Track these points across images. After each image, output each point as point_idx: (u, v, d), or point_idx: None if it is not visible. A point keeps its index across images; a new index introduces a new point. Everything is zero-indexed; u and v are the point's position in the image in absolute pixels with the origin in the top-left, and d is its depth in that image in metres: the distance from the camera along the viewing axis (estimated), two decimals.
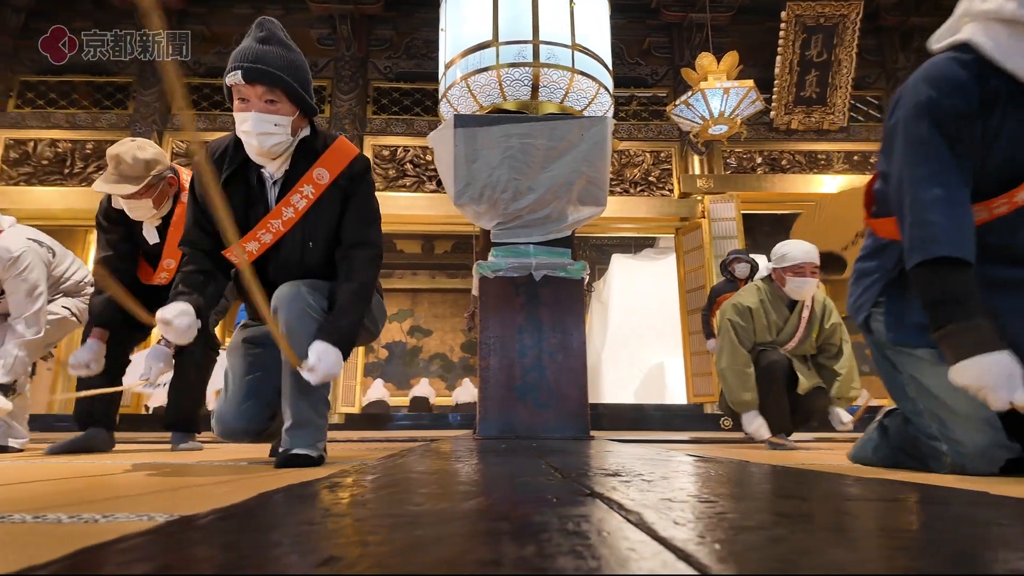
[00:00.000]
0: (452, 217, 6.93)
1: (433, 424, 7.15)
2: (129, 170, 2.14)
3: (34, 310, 2.33)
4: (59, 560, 0.37)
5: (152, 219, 2.32)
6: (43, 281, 2.39)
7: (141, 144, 2.23)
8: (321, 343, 1.38)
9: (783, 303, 2.65)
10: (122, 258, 2.36)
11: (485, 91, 3.46)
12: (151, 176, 2.17)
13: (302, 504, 0.65)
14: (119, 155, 2.15)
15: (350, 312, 1.46)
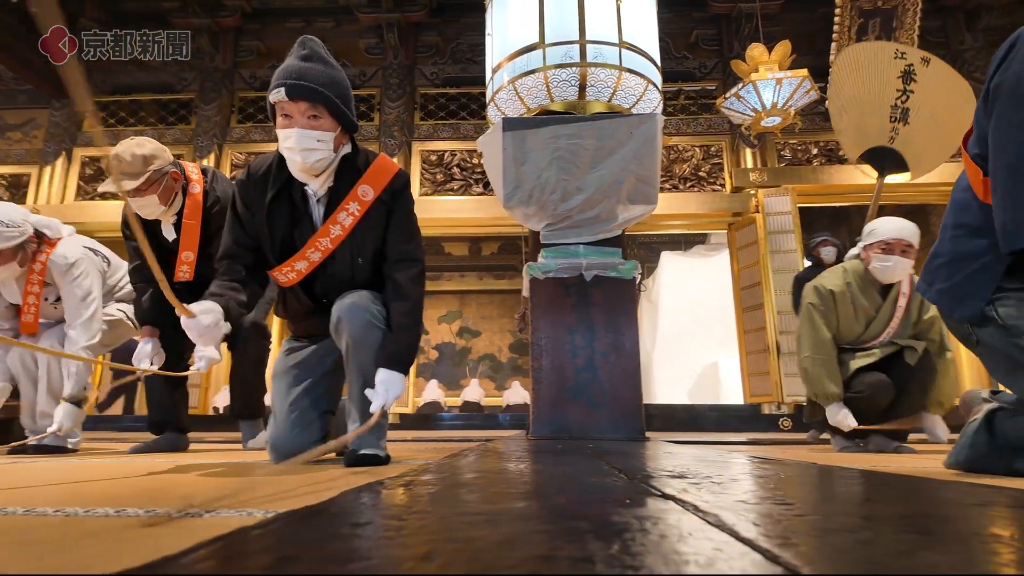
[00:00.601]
0: (499, 219, 6.98)
1: (484, 424, 7.22)
2: (128, 167, 2.17)
3: (87, 316, 2.37)
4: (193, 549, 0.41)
5: (167, 216, 2.37)
6: (97, 288, 2.44)
7: (140, 141, 2.25)
8: (385, 371, 1.43)
9: (874, 288, 2.34)
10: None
11: (532, 93, 3.47)
12: (150, 171, 2.19)
13: (385, 501, 0.68)
14: (119, 154, 2.19)
15: (406, 334, 1.50)
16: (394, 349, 1.47)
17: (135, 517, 0.63)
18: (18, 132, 7.48)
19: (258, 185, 1.55)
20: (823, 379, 2.30)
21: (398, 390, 1.43)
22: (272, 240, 1.55)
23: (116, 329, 2.60)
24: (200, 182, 2.43)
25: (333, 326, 1.53)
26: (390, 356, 1.46)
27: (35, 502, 0.77)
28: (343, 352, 1.52)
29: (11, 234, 2.22)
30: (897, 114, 4.16)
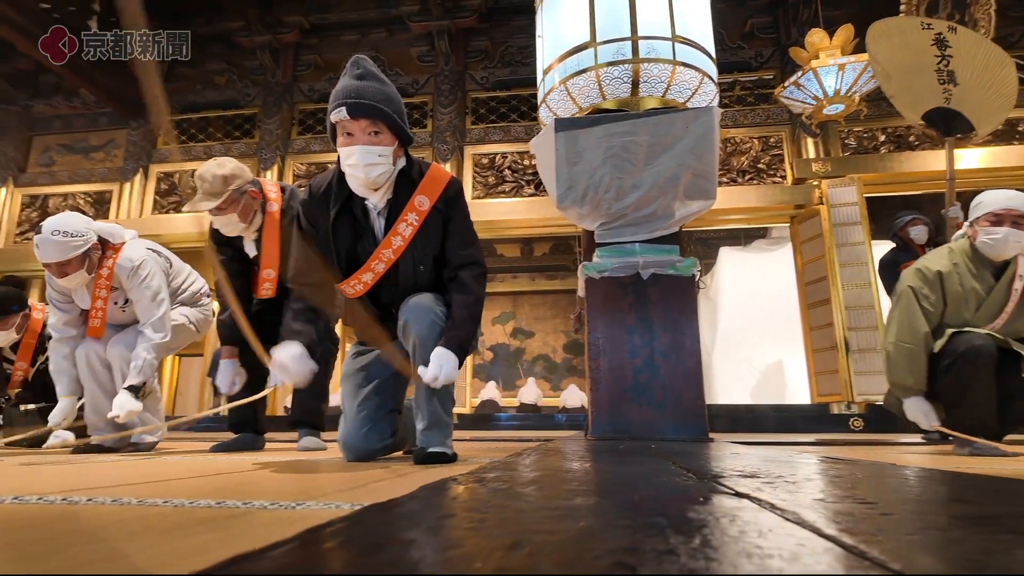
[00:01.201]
0: (550, 219, 6.99)
1: (540, 424, 7.23)
2: (210, 187, 2.26)
3: (159, 315, 2.43)
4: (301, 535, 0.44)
5: (248, 233, 2.44)
6: (164, 288, 2.51)
7: (220, 162, 2.34)
8: (441, 349, 1.49)
9: (986, 269, 2.11)
10: (235, 277, 2.49)
11: (584, 92, 3.47)
12: (230, 190, 2.28)
13: (463, 496, 0.70)
14: (201, 174, 2.29)
15: (466, 323, 1.55)
16: (452, 334, 1.52)
17: (234, 508, 0.68)
18: (100, 152, 8.03)
19: (320, 203, 1.62)
20: (900, 369, 2.14)
21: (450, 369, 1.47)
22: (338, 255, 1.62)
23: (180, 334, 2.66)
24: (278, 200, 2.50)
25: (401, 328, 1.60)
26: (448, 339, 1.51)
27: (144, 494, 0.83)
28: (409, 352, 1.58)
29: (76, 243, 2.29)
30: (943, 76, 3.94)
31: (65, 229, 2.27)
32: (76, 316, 2.53)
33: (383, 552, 0.41)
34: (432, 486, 0.79)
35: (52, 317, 2.54)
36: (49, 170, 7.97)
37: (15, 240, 7.65)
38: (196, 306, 2.78)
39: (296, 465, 1.53)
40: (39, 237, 2.28)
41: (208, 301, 2.86)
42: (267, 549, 0.40)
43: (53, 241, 2.25)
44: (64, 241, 2.26)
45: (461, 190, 1.70)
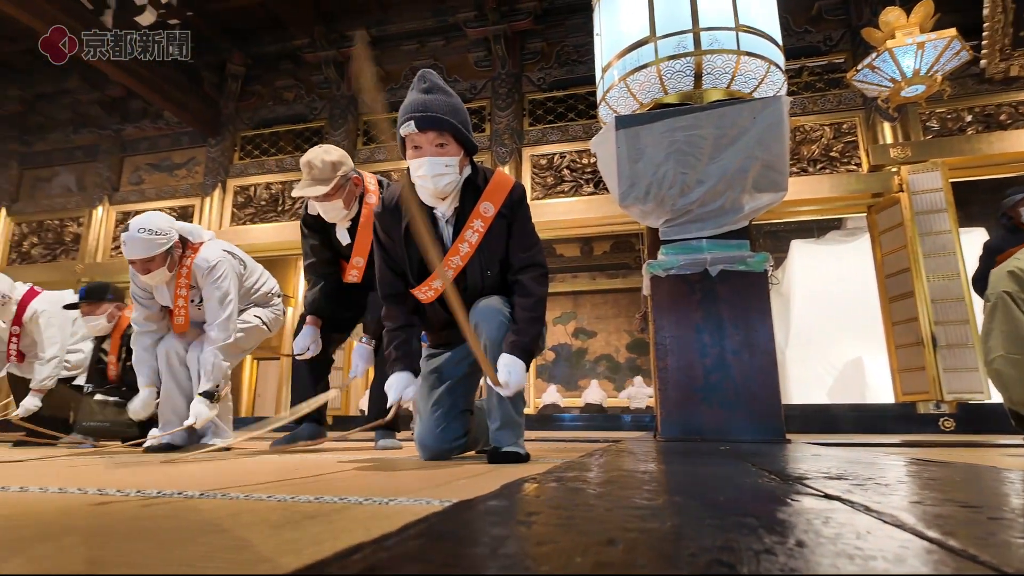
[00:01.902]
0: (610, 218, 6.92)
1: (605, 425, 7.17)
2: (319, 173, 2.33)
3: (224, 316, 2.48)
4: (405, 528, 0.47)
5: (343, 221, 2.51)
6: (234, 290, 2.55)
7: (327, 148, 2.41)
8: (508, 356, 1.52)
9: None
10: (324, 262, 2.59)
11: (645, 88, 3.42)
12: (338, 176, 2.35)
13: (546, 495, 0.72)
14: (310, 161, 2.36)
15: (529, 326, 1.59)
16: (517, 339, 1.55)
17: (332, 503, 0.73)
18: (183, 169, 8.58)
19: (393, 214, 1.70)
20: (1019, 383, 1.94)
21: (519, 376, 1.50)
22: (411, 263, 1.69)
23: (253, 335, 2.74)
24: (376, 193, 2.56)
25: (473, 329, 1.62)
26: (513, 344, 1.54)
27: (249, 491, 0.90)
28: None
29: (160, 241, 2.37)
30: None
31: (150, 227, 2.36)
32: (156, 312, 2.62)
33: (482, 545, 0.43)
34: (513, 484, 0.82)
35: (135, 312, 2.64)
36: (139, 188, 8.59)
37: (111, 255, 8.27)
38: (268, 306, 2.85)
39: (378, 463, 1.59)
40: (126, 234, 2.38)
41: (279, 301, 2.95)
42: (379, 540, 0.43)
43: (139, 238, 2.34)
44: (149, 239, 2.34)
45: (524, 195, 1.73)
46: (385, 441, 2.65)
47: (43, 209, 8.77)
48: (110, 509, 0.70)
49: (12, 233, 8.82)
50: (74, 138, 8.94)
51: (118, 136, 8.78)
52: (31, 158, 9.12)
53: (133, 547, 0.49)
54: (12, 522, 0.62)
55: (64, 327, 3.44)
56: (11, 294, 3.34)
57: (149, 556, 0.45)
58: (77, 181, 8.85)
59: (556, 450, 2.19)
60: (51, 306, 3.39)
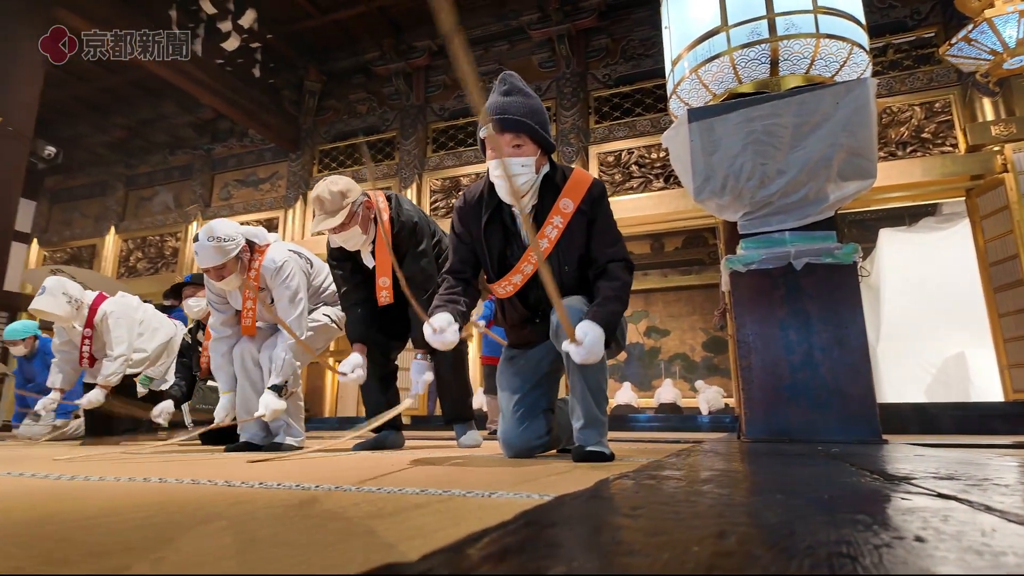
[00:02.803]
0: (681, 212, 6.77)
1: (682, 425, 7.00)
2: (330, 205, 2.33)
3: (296, 315, 2.50)
4: (515, 519, 0.50)
5: (365, 245, 2.51)
6: (303, 289, 2.57)
7: (332, 180, 2.40)
8: (586, 322, 1.49)
9: None
10: (357, 287, 2.60)
11: (717, 79, 3.33)
12: (349, 204, 2.35)
13: (644, 491, 0.73)
14: (318, 196, 2.35)
15: (612, 302, 1.58)
16: (597, 309, 1.54)
17: (438, 495, 0.77)
18: (267, 184, 9.10)
19: (473, 210, 1.75)
20: None
21: (594, 340, 1.44)
22: (490, 258, 1.74)
23: (324, 333, 2.77)
24: (386, 210, 2.57)
25: (553, 330, 1.65)
26: (593, 313, 1.52)
27: (358, 484, 0.96)
28: (564, 355, 1.61)
29: (229, 247, 2.41)
30: None
31: (218, 234, 2.41)
32: (232, 316, 2.68)
33: (599, 533, 0.45)
34: (609, 481, 0.83)
35: (212, 318, 2.71)
36: (228, 202, 9.18)
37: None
38: (336, 304, 2.85)
39: (464, 459, 1.64)
40: (196, 244, 2.43)
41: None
42: (502, 526, 0.46)
43: (209, 247, 2.39)
44: (219, 246, 2.39)
45: (604, 191, 1.73)
46: (467, 437, 2.70)
47: (146, 226, 9.54)
48: (242, 498, 0.78)
49: (120, 249, 9.65)
50: (171, 159, 9.68)
51: (209, 155, 9.43)
52: (134, 180, 9.94)
53: (276, 531, 0.54)
54: (172, 508, 0.70)
55: (131, 328, 3.57)
56: (83, 299, 3.50)
57: (295, 538, 0.50)
58: (174, 199, 9.57)
59: (637, 451, 2.18)
60: (119, 307, 3.55)
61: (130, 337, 3.54)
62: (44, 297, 3.35)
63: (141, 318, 3.73)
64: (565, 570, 0.33)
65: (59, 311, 3.37)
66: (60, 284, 3.45)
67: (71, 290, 3.45)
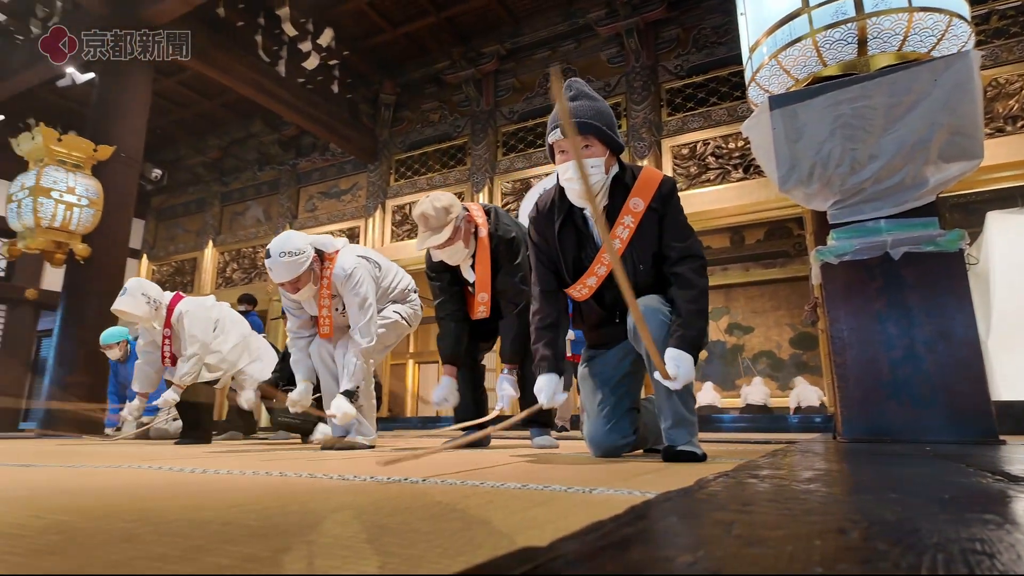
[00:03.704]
0: (763, 203, 6.50)
1: (771, 426, 6.71)
2: (435, 222, 2.38)
3: (366, 320, 2.55)
4: (628, 512, 0.51)
5: (466, 259, 2.56)
6: (372, 294, 2.62)
7: (435, 196, 2.46)
8: (674, 350, 1.50)
9: None
10: (453, 299, 2.66)
11: (799, 63, 3.19)
12: (451, 219, 2.39)
13: (749, 488, 0.73)
14: (423, 213, 2.40)
15: (694, 319, 1.56)
16: (683, 333, 1.53)
17: (538, 491, 0.80)
18: (348, 194, 9.51)
19: (547, 218, 1.79)
20: None
21: (687, 368, 1.48)
22: (565, 263, 1.76)
23: (393, 330, 2.80)
24: (485, 225, 2.62)
25: (631, 332, 1.66)
26: (680, 338, 1.52)
27: (460, 478, 1.00)
28: (643, 354, 1.62)
29: (300, 260, 2.49)
30: None
31: (289, 249, 2.49)
32: (307, 320, 2.79)
33: (713, 527, 0.46)
34: (708, 479, 0.83)
35: (288, 322, 2.82)
36: (313, 214, 9.67)
37: None
38: (406, 302, 2.93)
39: (554, 458, 1.67)
40: (270, 261, 2.50)
41: (415, 296, 2.99)
42: (616, 519, 0.48)
43: (281, 263, 2.47)
44: (291, 261, 2.47)
45: (675, 187, 1.73)
46: (541, 439, 2.69)
47: (240, 239, 10.21)
48: (358, 490, 0.83)
49: (218, 261, 10.39)
50: (259, 175, 10.31)
51: (294, 170, 9.97)
52: (228, 196, 10.67)
53: (401, 520, 0.58)
54: (303, 497, 0.77)
55: (206, 329, 3.63)
56: (161, 299, 3.58)
57: (419, 526, 0.54)
58: (264, 212, 10.19)
59: (728, 451, 2.12)
60: (194, 307, 3.62)
61: (204, 337, 3.57)
62: (124, 298, 3.42)
63: (216, 317, 3.76)
64: (692, 559, 0.35)
65: (138, 311, 3.43)
66: (140, 285, 3.52)
67: (150, 291, 3.52)
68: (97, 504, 0.74)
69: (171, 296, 3.62)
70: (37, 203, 5.50)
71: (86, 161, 5.85)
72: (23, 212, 5.61)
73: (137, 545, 0.45)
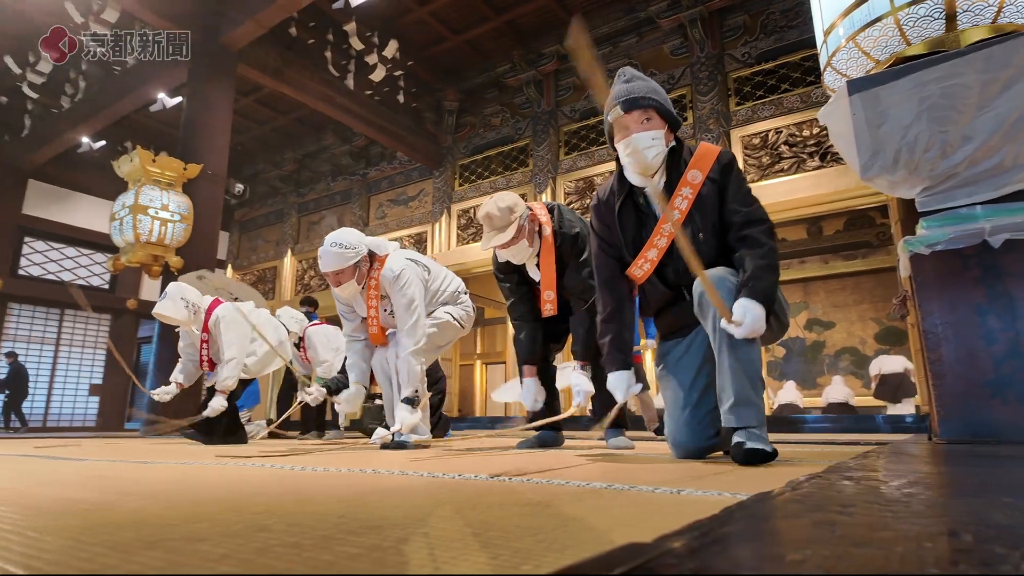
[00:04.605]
0: (842, 192, 6.18)
1: (856, 426, 6.35)
2: (499, 221, 2.37)
3: (412, 321, 2.56)
4: (724, 512, 0.52)
5: (531, 258, 2.55)
6: (419, 296, 2.62)
7: (498, 197, 2.45)
8: (743, 299, 1.43)
9: None
10: (523, 300, 2.66)
11: (880, 44, 3.02)
12: (515, 219, 2.39)
13: (844, 490, 0.71)
14: (488, 213, 2.40)
15: (764, 272, 1.50)
16: (752, 284, 1.47)
17: (623, 490, 0.81)
18: (415, 201, 9.78)
19: (607, 203, 1.80)
20: None
21: (755, 317, 1.40)
22: (626, 243, 1.76)
23: (445, 330, 2.81)
24: (548, 223, 2.60)
25: (697, 304, 1.58)
26: (748, 289, 1.46)
27: (539, 477, 1.02)
28: (710, 331, 1.54)
29: (349, 255, 2.51)
30: None
31: (341, 241, 2.53)
32: (360, 323, 2.80)
33: (815, 527, 0.46)
34: (800, 480, 0.81)
35: (344, 327, 2.86)
36: (383, 221, 10.00)
37: None
38: (457, 304, 2.92)
39: (627, 459, 1.66)
40: (321, 249, 2.55)
41: (466, 298, 3.00)
42: (716, 518, 0.49)
43: (331, 252, 2.51)
44: (340, 252, 2.51)
45: (734, 159, 1.71)
46: (615, 440, 2.64)
47: (316, 247, 10.62)
48: (452, 487, 0.87)
49: (296, 269, 10.92)
50: (332, 186, 10.76)
51: (364, 180, 10.35)
52: (305, 207, 11.19)
53: (500, 515, 0.61)
54: (408, 493, 0.82)
55: (244, 333, 3.59)
56: (200, 304, 3.57)
57: (520, 522, 0.56)
58: (338, 221, 10.62)
59: (815, 453, 2.04)
60: (230, 312, 3.58)
61: (241, 341, 3.57)
62: (165, 302, 3.46)
63: (254, 322, 3.74)
64: (800, 557, 0.35)
65: (177, 315, 3.47)
66: (179, 290, 3.55)
67: (189, 295, 3.56)
68: (225, 497, 0.81)
69: (210, 301, 3.66)
70: (136, 220, 5.97)
71: (177, 179, 6.29)
72: (124, 229, 6.10)
73: (273, 534, 0.50)
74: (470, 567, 0.39)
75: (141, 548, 0.45)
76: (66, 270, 9.94)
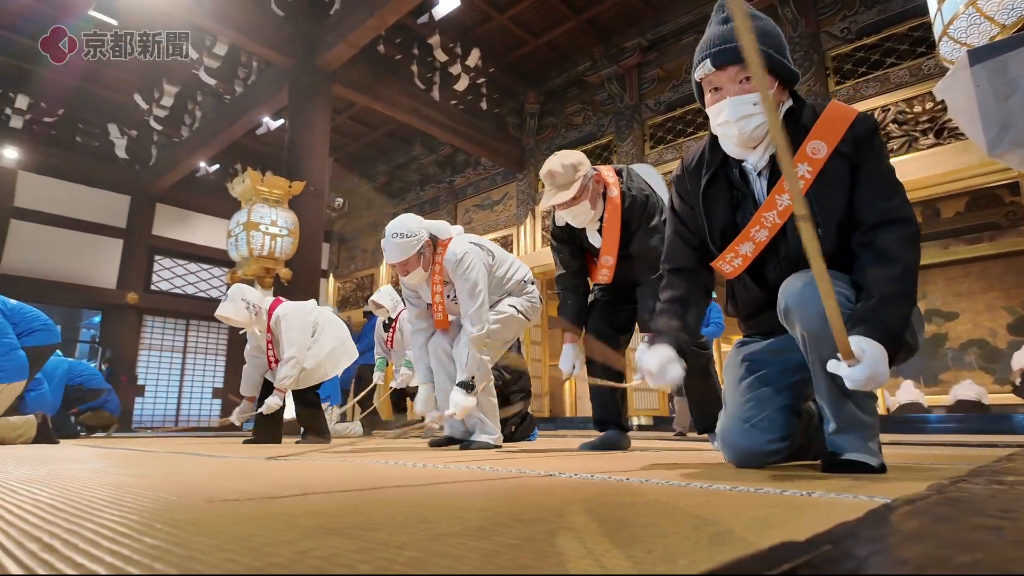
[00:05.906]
0: (961, 171, 5.66)
1: (989, 427, 5.77)
2: (562, 179, 2.25)
3: (476, 306, 2.48)
4: (868, 515, 0.51)
5: (592, 222, 2.40)
6: (483, 281, 2.54)
7: (562, 154, 2.32)
8: (863, 340, 1.07)
9: None
10: (572, 273, 2.55)
11: (1005, 7, 2.75)
12: (579, 176, 2.26)
13: (996, 494, 0.67)
14: (550, 170, 2.27)
15: (892, 302, 1.13)
16: (876, 318, 1.11)
17: (749, 493, 0.80)
18: (500, 205, 9.94)
19: (693, 175, 1.45)
20: None
21: (876, 362, 1.05)
22: (711, 230, 1.41)
23: (510, 325, 2.72)
24: (617, 184, 2.44)
25: (782, 313, 1.26)
26: (870, 326, 1.10)
27: (643, 476, 1.03)
28: (800, 346, 1.24)
29: (412, 243, 2.49)
30: None
31: (402, 231, 2.50)
32: (425, 310, 2.78)
33: (981, 531, 0.45)
34: (945, 484, 0.77)
35: (408, 313, 2.85)
36: (470, 227, 10.23)
37: None
38: (523, 295, 2.83)
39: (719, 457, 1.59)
40: (383, 241, 2.56)
41: (533, 288, 2.90)
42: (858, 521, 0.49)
43: (393, 243, 2.50)
44: (402, 242, 2.49)
45: (875, 128, 1.29)
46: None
47: None
48: (572, 485, 0.90)
49: (392, 276, 11.42)
50: (421, 194, 11.16)
51: (451, 187, 10.65)
52: (396, 216, 11.69)
53: (633, 514, 0.63)
54: (518, 491, 0.86)
55: (303, 331, 3.56)
56: (261, 304, 3.55)
57: (656, 519, 0.58)
58: None
59: (947, 456, 1.89)
60: (292, 311, 3.57)
61: (301, 340, 3.52)
62: (226, 304, 3.46)
63: (314, 321, 3.73)
64: (971, 559, 0.35)
65: (238, 316, 3.46)
66: (240, 291, 3.53)
67: (250, 296, 3.54)
68: (368, 489, 0.88)
69: (271, 300, 3.66)
70: (250, 236, 6.49)
71: (283, 197, 6.78)
72: (239, 244, 6.65)
73: (434, 525, 0.55)
74: (625, 561, 0.41)
75: (326, 535, 0.51)
76: (190, 284, 10.94)
